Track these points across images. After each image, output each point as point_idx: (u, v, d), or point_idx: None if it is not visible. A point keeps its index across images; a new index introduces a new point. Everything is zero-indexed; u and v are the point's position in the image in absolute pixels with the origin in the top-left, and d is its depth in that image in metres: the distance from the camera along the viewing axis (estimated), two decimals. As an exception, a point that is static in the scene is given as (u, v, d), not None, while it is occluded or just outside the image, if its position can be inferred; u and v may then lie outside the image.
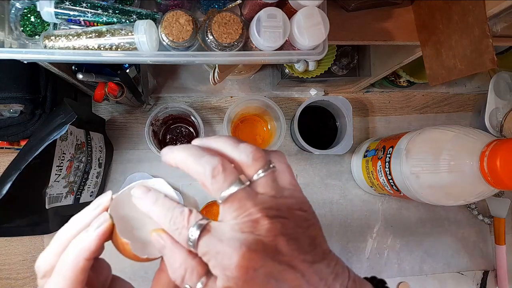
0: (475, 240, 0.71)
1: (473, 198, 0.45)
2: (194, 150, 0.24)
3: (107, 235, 0.24)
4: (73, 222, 0.25)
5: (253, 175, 0.23)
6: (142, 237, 0.26)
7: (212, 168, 0.22)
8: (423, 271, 0.69)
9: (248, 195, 0.22)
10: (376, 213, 0.69)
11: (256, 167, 0.23)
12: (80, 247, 0.23)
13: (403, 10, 0.48)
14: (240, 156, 0.23)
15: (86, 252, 0.23)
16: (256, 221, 0.22)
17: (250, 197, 0.22)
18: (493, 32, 0.45)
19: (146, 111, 0.66)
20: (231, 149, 0.24)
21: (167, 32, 0.36)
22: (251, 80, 0.69)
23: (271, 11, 0.37)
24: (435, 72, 0.45)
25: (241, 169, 0.23)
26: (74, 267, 0.23)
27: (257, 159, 0.23)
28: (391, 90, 0.72)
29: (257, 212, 0.22)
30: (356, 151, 0.68)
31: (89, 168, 0.57)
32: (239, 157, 0.23)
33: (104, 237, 0.24)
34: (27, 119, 0.52)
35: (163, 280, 0.25)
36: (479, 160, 0.42)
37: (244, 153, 0.23)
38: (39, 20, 0.39)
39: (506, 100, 0.67)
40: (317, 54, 0.40)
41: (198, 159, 0.23)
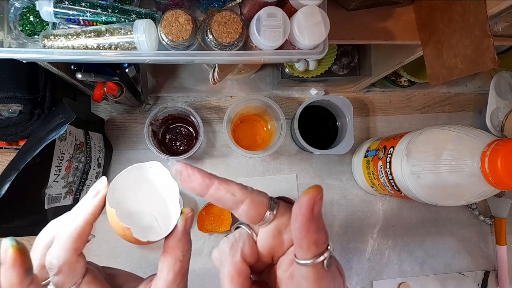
0: (476, 240, 0.71)
1: (474, 198, 0.45)
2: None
3: (103, 203, 0.25)
4: (74, 215, 0.25)
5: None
6: (141, 221, 0.26)
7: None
8: (424, 271, 0.69)
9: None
10: (377, 213, 0.69)
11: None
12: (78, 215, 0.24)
13: (403, 10, 0.48)
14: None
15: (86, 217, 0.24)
16: None
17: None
18: (494, 31, 0.45)
19: (145, 111, 0.65)
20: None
21: (167, 32, 0.36)
22: (251, 80, 0.69)
23: (271, 10, 0.37)
24: (436, 71, 0.45)
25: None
26: (71, 234, 0.23)
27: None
28: (392, 90, 0.71)
29: None
30: (357, 151, 0.68)
31: (88, 168, 0.57)
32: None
33: (101, 204, 0.24)
34: (26, 119, 0.51)
35: (168, 261, 0.25)
36: (480, 160, 0.42)
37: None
38: (38, 20, 0.39)
39: (507, 99, 0.67)
40: (318, 54, 0.40)
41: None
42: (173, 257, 0.25)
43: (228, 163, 0.67)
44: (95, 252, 0.60)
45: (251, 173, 0.67)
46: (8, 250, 0.21)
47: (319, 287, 0.22)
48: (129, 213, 0.26)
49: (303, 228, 0.21)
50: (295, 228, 0.21)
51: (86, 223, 0.24)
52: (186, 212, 0.25)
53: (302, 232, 0.21)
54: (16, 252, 0.21)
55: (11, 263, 0.21)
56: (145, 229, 0.25)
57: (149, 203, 0.26)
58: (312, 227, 0.21)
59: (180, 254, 0.25)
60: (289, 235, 0.23)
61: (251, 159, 0.67)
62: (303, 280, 0.22)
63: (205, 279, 0.63)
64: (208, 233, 0.63)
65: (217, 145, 0.67)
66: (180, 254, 0.25)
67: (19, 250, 0.22)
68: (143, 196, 0.26)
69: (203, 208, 0.63)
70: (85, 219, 0.24)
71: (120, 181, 0.26)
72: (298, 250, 0.22)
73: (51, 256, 0.23)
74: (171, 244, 0.25)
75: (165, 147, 0.64)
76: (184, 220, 0.25)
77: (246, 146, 0.64)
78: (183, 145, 0.65)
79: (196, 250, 0.62)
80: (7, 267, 0.21)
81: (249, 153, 0.60)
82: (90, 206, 0.24)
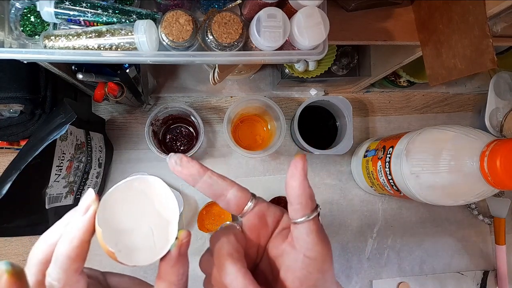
0: (475, 240, 0.71)
1: (473, 198, 0.45)
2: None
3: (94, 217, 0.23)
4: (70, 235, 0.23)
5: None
6: (132, 241, 0.23)
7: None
8: (423, 271, 0.69)
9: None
10: (376, 213, 0.69)
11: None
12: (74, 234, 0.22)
13: (403, 10, 0.48)
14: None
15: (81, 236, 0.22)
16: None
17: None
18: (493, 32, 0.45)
19: (146, 111, 0.66)
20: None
21: (167, 32, 0.36)
22: (251, 80, 0.69)
23: (271, 11, 0.37)
24: (435, 72, 0.45)
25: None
26: (68, 254, 0.22)
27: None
28: (391, 90, 0.72)
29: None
30: (356, 151, 0.68)
31: (89, 168, 0.57)
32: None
33: (93, 220, 0.23)
34: (27, 119, 0.52)
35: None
36: (479, 160, 0.42)
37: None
38: (39, 20, 0.39)
39: (506, 100, 0.67)
40: (317, 54, 0.40)
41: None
42: (168, 283, 0.23)
43: (228, 163, 0.67)
44: (95, 251, 0.60)
45: (251, 173, 0.67)
46: (3, 277, 0.20)
47: (322, 237, 0.24)
48: (120, 231, 0.23)
49: (301, 184, 0.24)
50: (294, 186, 0.24)
51: (83, 241, 0.23)
52: (182, 238, 0.24)
53: (301, 188, 0.24)
54: (11, 278, 0.20)
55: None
56: (136, 249, 0.23)
57: (145, 221, 0.24)
58: (306, 183, 0.24)
59: (175, 279, 0.24)
60: (271, 216, 0.26)
61: (251, 159, 0.67)
62: (307, 236, 0.24)
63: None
64: (208, 232, 0.63)
65: (217, 145, 0.67)
66: (175, 279, 0.24)
67: (14, 276, 0.20)
68: (139, 213, 0.24)
69: (204, 208, 0.63)
70: (81, 239, 0.22)
71: (114, 194, 0.24)
72: (298, 208, 0.24)
73: (51, 278, 0.22)
74: (165, 270, 0.24)
75: (166, 147, 0.65)
76: (179, 245, 0.24)
77: (246, 146, 0.64)
78: (183, 145, 0.65)
79: (196, 250, 0.62)
80: None
81: (249, 153, 0.60)
82: (83, 224, 0.23)
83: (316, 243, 0.24)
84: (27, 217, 0.47)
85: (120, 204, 0.24)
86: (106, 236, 0.22)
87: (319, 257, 0.24)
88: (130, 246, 0.23)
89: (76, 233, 0.22)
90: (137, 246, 0.23)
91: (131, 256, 0.23)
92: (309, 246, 0.24)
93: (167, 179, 0.65)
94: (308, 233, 0.24)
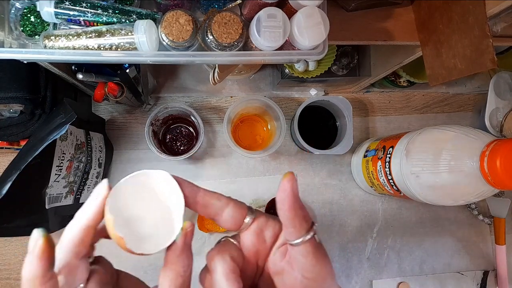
0: (475, 240, 0.71)
1: (473, 198, 0.45)
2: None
3: (103, 207, 0.24)
4: (79, 217, 0.24)
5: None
6: (139, 231, 0.25)
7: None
8: (423, 271, 0.69)
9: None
10: (376, 213, 0.69)
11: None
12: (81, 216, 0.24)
13: (403, 10, 0.48)
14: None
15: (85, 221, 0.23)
16: None
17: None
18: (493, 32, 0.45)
19: (146, 111, 0.66)
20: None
21: (167, 32, 0.36)
22: (251, 80, 0.69)
23: (271, 11, 0.37)
24: (435, 72, 0.45)
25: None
26: (72, 237, 0.23)
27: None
28: (391, 90, 0.72)
29: None
30: (356, 151, 0.68)
31: (89, 168, 0.57)
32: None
33: (102, 207, 0.24)
34: (27, 119, 0.52)
35: (169, 276, 0.24)
36: (479, 160, 0.42)
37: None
38: (39, 20, 0.39)
39: (506, 100, 0.67)
40: (317, 54, 0.40)
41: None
42: (174, 272, 0.24)
43: (228, 163, 0.67)
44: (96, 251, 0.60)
45: (251, 173, 0.67)
46: (39, 240, 0.21)
47: (320, 257, 0.24)
48: (128, 220, 0.25)
49: (292, 208, 0.23)
50: (285, 210, 0.23)
51: (88, 226, 0.24)
52: (186, 226, 0.25)
53: (292, 211, 0.23)
54: (46, 243, 0.21)
55: (40, 253, 0.21)
56: (143, 238, 0.24)
57: (152, 212, 0.25)
58: (297, 205, 0.23)
59: (181, 270, 0.24)
60: (269, 231, 0.26)
61: (251, 159, 0.67)
62: (304, 258, 0.24)
63: (205, 278, 0.63)
64: (208, 232, 0.63)
65: (217, 145, 0.67)
66: (181, 269, 0.24)
67: (49, 242, 0.22)
68: (147, 204, 0.25)
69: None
70: (87, 223, 0.24)
71: (124, 186, 0.25)
72: (292, 231, 0.24)
73: (56, 258, 0.23)
74: (171, 259, 0.24)
75: (166, 147, 0.65)
76: (184, 234, 0.24)
77: (246, 146, 0.64)
78: (183, 145, 0.65)
79: (196, 250, 0.62)
80: (34, 257, 0.21)
81: (249, 153, 0.60)
82: (91, 209, 0.24)
83: (314, 264, 0.24)
84: (27, 217, 0.47)
85: (129, 195, 0.25)
86: (116, 223, 0.23)
87: (319, 278, 0.24)
88: (137, 235, 0.24)
89: (83, 218, 0.24)
90: (144, 235, 0.24)
91: (138, 244, 0.24)
92: (307, 267, 0.24)
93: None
94: (305, 255, 0.24)
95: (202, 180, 0.66)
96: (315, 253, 0.24)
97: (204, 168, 0.66)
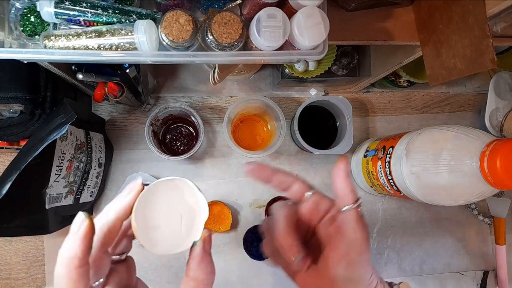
0: (475, 240, 0.71)
1: (473, 198, 0.45)
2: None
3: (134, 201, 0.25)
4: (108, 210, 0.25)
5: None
6: (159, 232, 0.26)
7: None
8: (423, 271, 0.69)
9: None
10: (376, 213, 0.69)
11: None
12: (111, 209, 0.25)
13: (403, 10, 0.48)
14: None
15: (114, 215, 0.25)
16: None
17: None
18: (493, 32, 0.45)
19: (146, 111, 0.66)
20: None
21: (167, 32, 0.36)
22: (251, 80, 0.69)
23: (271, 11, 0.37)
24: (435, 72, 0.45)
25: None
26: (99, 229, 0.24)
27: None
28: (391, 90, 0.72)
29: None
30: (356, 151, 0.68)
31: (89, 168, 0.57)
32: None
33: (133, 201, 0.25)
34: (27, 119, 0.52)
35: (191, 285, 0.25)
36: (479, 160, 0.42)
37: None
38: (39, 20, 0.39)
39: (506, 100, 0.67)
40: (317, 54, 0.40)
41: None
42: (196, 281, 0.25)
43: (228, 163, 0.67)
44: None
45: (251, 173, 0.67)
46: (85, 221, 0.22)
47: (361, 224, 0.30)
48: (152, 220, 0.26)
49: (344, 180, 0.30)
50: (338, 183, 0.30)
51: (117, 218, 0.25)
52: (205, 233, 0.26)
53: (344, 183, 0.30)
54: (91, 226, 0.22)
55: (84, 234, 0.22)
56: (161, 239, 0.26)
57: (175, 217, 0.26)
58: (349, 179, 0.30)
59: (203, 277, 0.25)
60: (323, 205, 0.32)
61: (251, 159, 0.67)
62: (349, 223, 0.30)
63: (205, 278, 0.63)
64: (208, 232, 0.64)
65: (217, 145, 0.67)
66: (203, 276, 0.25)
67: (93, 226, 0.22)
68: (171, 209, 0.27)
69: (203, 208, 0.63)
70: (117, 215, 0.25)
71: (154, 187, 0.27)
72: (343, 198, 0.30)
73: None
74: (192, 266, 0.25)
75: (166, 147, 0.65)
76: (203, 241, 0.26)
77: (246, 146, 0.64)
78: (183, 145, 0.65)
79: (196, 250, 0.62)
80: (78, 237, 0.22)
81: (249, 153, 0.60)
82: (123, 203, 0.25)
83: (356, 228, 0.29)
84: (27, 217, 0.47)
85: (157, 197, 0.27)
86: (140, 222, 0.25)
87: (359, 240, 0.29)
88: (156, 235, 0.26)
89: (113, 210, 0.25)
90: (163, 237, 0.26)
91: (155, 244, 0.26)
92: (351, 230, 0.30)
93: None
94: (351, 220, 0.30)
95: (202, 180, 0.66)
96: (358, 220, 0.30)
97: (204, 168, 0.66)
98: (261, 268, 0.65)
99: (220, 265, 0.64)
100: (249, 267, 0.65)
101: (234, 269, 0.64)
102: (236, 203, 0.66)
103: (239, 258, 0.64)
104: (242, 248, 0.63)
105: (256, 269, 0.65)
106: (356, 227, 0.30)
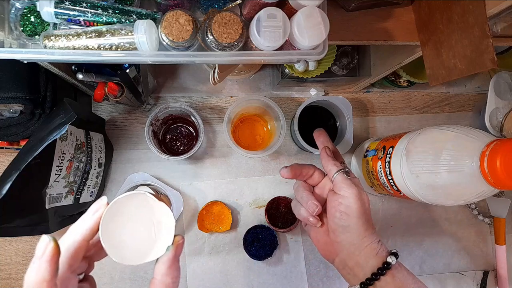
0: (475, 240, 0.71)
1: (473, 198, 0.45)
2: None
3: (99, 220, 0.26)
4: (74, 230, 0.25)
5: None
6: (129, 244, 0.27)
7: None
8: (423, 271, 0.69)
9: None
10: (376, 213, 0.69)
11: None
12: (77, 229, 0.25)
13: (403, 10, 0.48)
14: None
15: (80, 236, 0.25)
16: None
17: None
18: (493, 32, 0.45)
19: (146, 111, 0.66)
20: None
21: (167, 32, 0.36)
22: (251, 80, 0.69)
23: (271, 11, 0.37)
24: (435, 72, 0.45)
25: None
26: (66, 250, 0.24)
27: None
28: (391, 90, 0.72)
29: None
30: (356, 151, 0.68)
31: (89, 168, 0.57)
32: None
33: (98, 220, 0.26)
34: (27, 119, 0.52)
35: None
36: (479, 160, 0.42)
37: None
38: (39, 20, 0.39)
39: (506, 100, 0.67)
40: (317, 54, 0.40)
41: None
42: (163, 284, 0.25)
43: (228, 163, 0.67)
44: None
45: (251, 173, 0.67)
46: (50, 244, 0.22)
47: (347, 182, 0.43)
48: (120, 235, 0.27)
49: (326, 159, 0.47)
50: (324, 162, 0.47)
51: (83, 239, 0.25)
52: (177, 240, 0.27)
53: (326, 161, 0.47)
54: (56, 248, 0.22)
55: (50, 257, 0.22)
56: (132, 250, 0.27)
57: (144, 228, 0.27)
58: (329, 157, 0.47)
59: (170, 281, 0.26)
60: (327, 188, 0.47)
61: (251, 159, 0.67)
62: (337, 184, 0.44)
63: (205, 278, 0.63)
64: (208, 232, 0.63)
65: (217, 145, 0.67)
66: (170, 281, 0.26)
67: (59, 248, 0.23)
68: (139, 221, 0.28)
69: (203, 208, 0.63)
70: (83, 236, 0.25)
71: (120, 202, 0.27)
72: (331, 171, 0.45)
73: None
74: (161, 271, 0.26)
75: (166, 147, 0.65)
76: (175, 247, 0.26)
77: (246, 146, 0.64)
78: (183, 145, 0.65)
79: (197, 250, 0.62)
80: (44, 261, 0.22)
81: (249, 153, 0.60)
82: (88, 223, 0.25)
83: (342, 186, 0.43)
84: (27, 217, 0.47)
85: (121, 213, 0.27)
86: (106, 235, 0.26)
87: (350, 196, 0.42)
88: (126, 248, 0.27)
89: (80, 230, 0.25)
90: (133, 248, 0.27)
91: (126, 256, 0.26)
92: (338, 188, 0.43)
93: (166, 178, 0.65)
94: (338, 181, 0.44)
95: (202, 180, 0.66)
96: (343, 181, 0.43)
97: (204, 168, 0.66)
98: (261, 268, 0.65)
99: (220, 265, 0.64)
100: (249, 267, 0.65)
101: (234, 269, 0.64)
102: (236, 203, 0.66)
103: (239, 258, 0.64)
104: (242, 248, 0.63)
105: (256, 269, 0.65)
106: (342, 185, 0.42)
